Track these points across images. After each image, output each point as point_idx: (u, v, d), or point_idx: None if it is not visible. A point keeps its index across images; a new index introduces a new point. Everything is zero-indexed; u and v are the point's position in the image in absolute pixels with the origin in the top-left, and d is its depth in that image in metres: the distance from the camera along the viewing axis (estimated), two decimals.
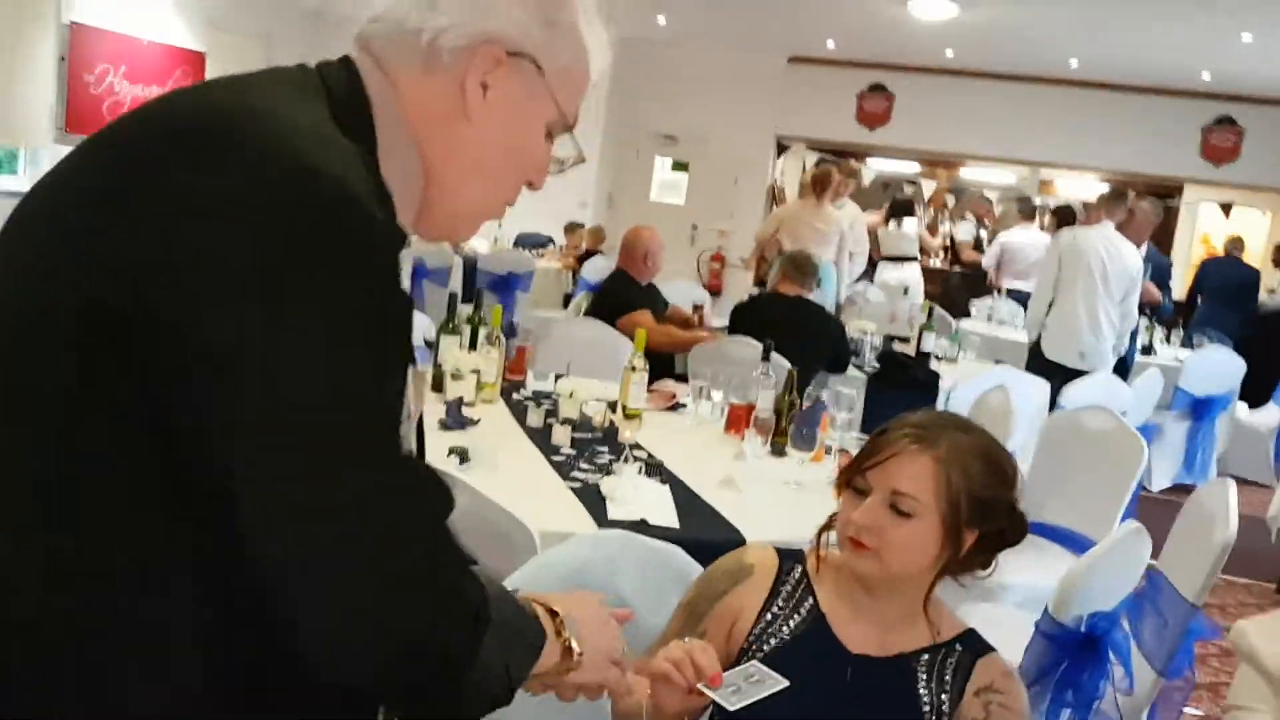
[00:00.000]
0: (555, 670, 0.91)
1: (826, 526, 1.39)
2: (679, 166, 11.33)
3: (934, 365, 5.00)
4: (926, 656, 1.36)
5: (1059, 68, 9.20)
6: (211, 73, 7.73)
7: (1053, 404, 4.25)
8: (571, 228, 8.64)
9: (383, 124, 0.83)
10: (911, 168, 11.84)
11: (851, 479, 1.36)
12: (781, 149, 11.13)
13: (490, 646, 0.81)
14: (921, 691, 1.33)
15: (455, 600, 0.79)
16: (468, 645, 0.80)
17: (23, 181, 6.75)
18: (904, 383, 4.61)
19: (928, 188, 11.77)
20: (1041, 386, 4.36)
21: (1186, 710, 3.20)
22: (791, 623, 1.38)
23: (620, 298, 4.24)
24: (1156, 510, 3.88)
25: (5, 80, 6.77)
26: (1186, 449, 5.77)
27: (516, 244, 8.20)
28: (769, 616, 1.39)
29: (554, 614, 0.93)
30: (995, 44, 8.54)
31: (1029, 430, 3.87)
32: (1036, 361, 5.15)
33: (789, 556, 1.45)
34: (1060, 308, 5.13)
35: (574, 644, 0.92)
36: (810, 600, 1.40)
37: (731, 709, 1.15)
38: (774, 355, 3.44)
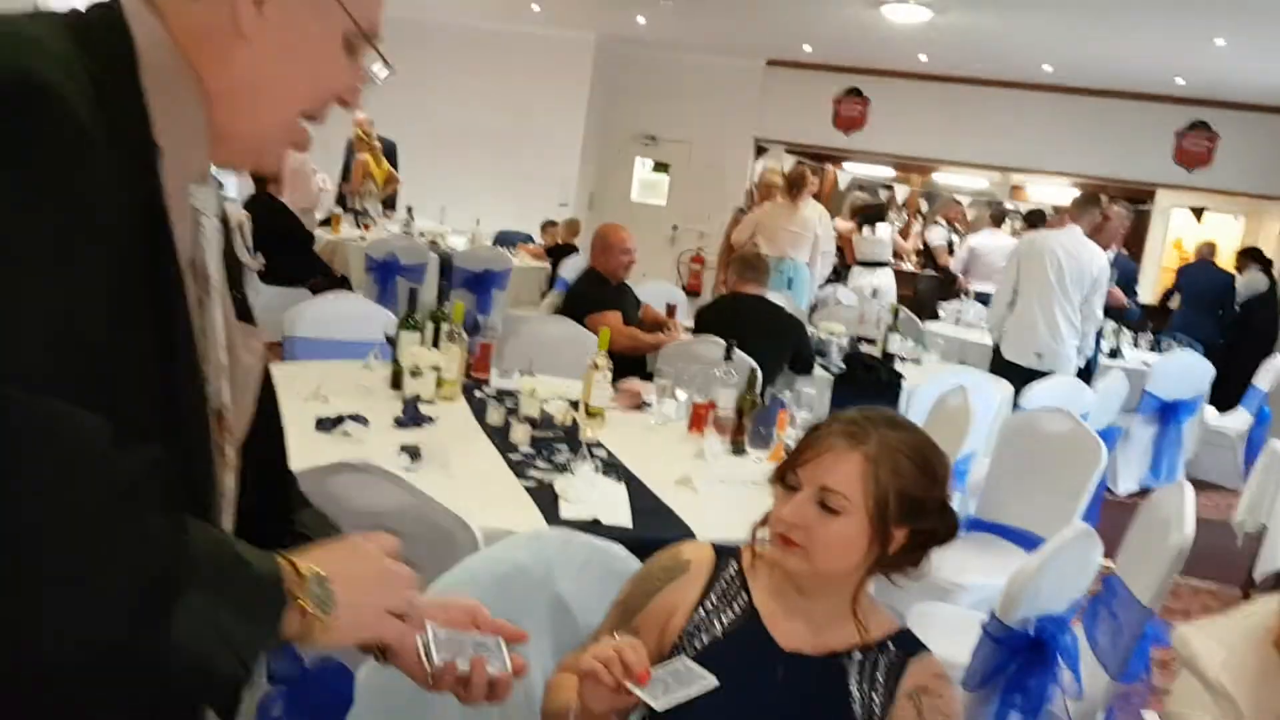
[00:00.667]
0: (302, 632, 0.81)
1: (761, 523, 1.39)
2: (660, 167, 11.35)
3: (899, 366, 5.01)
4: (859, 655, 1.36)
5: (1033, 72, 9.26)
6: None
7: (1016, 406, 4.28)
8: (548, 225, 8.62)
9: (146, 48, 0.79)
10: (887, 172, 11.89)
11: (783, 475, 1.35)
12: (760, 151, 11.15)
13: (197, 617, 0.72)
14: (853, 690, 1.33)
15: (122, 571, 0.70)
16: (146, 621, 0.71)
17: None
18: (868, 384, 4.62)
19: (902, 192, 11.82)
20: (1003, 388, 4.38)
21: (1144, 714, 3.21)
22: (725, 619, 1.38)
23: (589, 297, 4.23)
24: (1121, 514, 3.90)
25: None
26: (1153, 453, 5.81)
27: (496, 242, 8.17)
28: (702, 613, 1.39)
29: (297, 569, 0.83)
30: (969, 49, 8.58)
31: (989, 431, 3.89)
32: (998, 363, 5.20)
33: (725, 553, 1.45)
34: (1019, 310, 5.18)
35: (309, 605, 0.81)
36: (744, 597, 1.40)
37: (659, 709, 1.14)
38: (738, 354, 3.45)
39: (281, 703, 1.87)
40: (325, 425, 2.45)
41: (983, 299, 7.60)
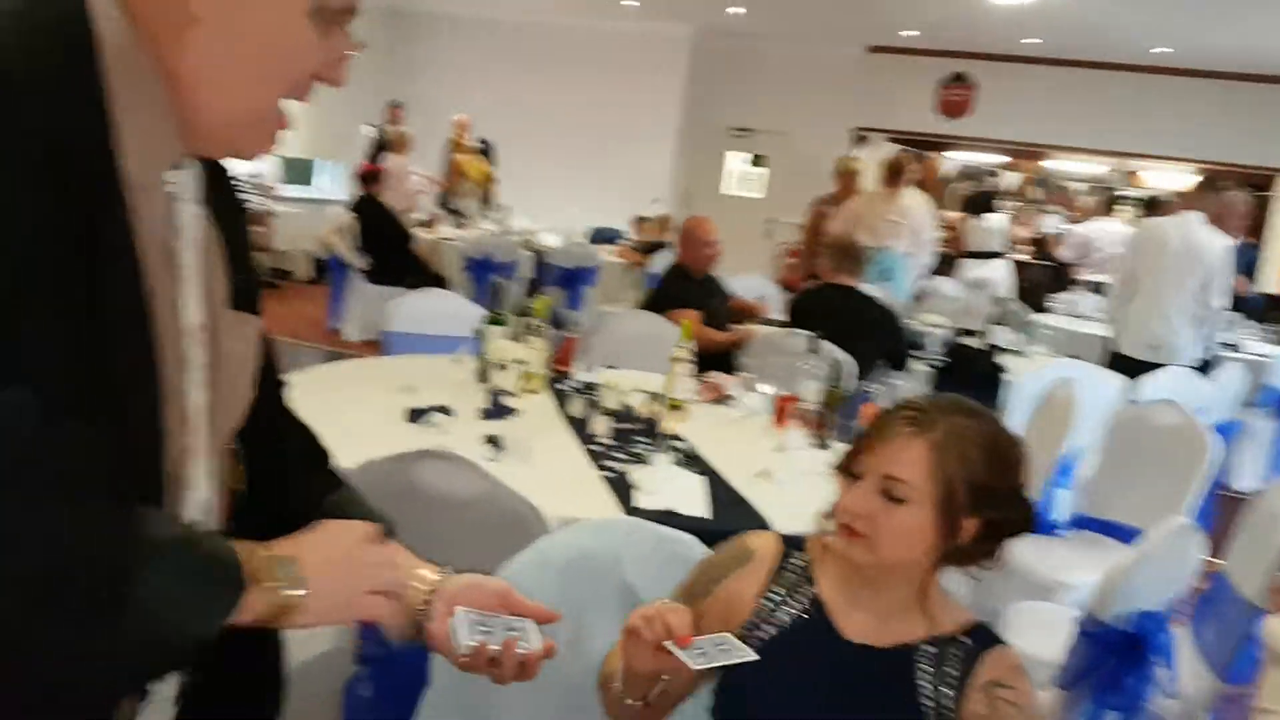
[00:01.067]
0: (275, 614, 0.82)
1: (828, 514, 1.36)
2: (756, 160, 11.27)
3: (1003, 359, 4.88)
4: (929, 648, 1.32)
5: (1146, 55, 8.88)
6: None
7: (1131, 400, 4.11)
8: (641, 222, 8.64)
9: (106, 33, 0.76)
10: (995, 159, 11.56)
11: (848, 463, 1.33)
12: (860, 140, 10.97)
13: (149, 599, 0.73)
14: (921, 683, 1.29)
15: (47, 553, 0.70)
16: (88, 599, 0.71)
17: None
18: (968, 376, 4.51)
19: (1011, 179, 11.47)
20: (1114, 381, 4.21)
21: None
22: (789, 610, 1.36)
23: (671, 294, 4.22)
24: (1239, 511, 3.72)
25: None
26: (1275, 449, 5.52)
27: (589, 239, 8.24)
28: (766, 603, 1.37)
29: (254, 553, 0.83)
30: (1080, 30, 8.28)
31: (1097, 426, 3.75)
32: (1111, 356, 4.99)
33: (792, 544, 1.43)
34: (1135, 300, 4.95)
35: (277, 586, 0.82)
36: (810, 588, 1.37)
37: (694, 668, 1.14)
38: (824, 346, 3.40)
39: (369, 682, 1.93)
40: (414, 416, 2.51)
41: (1096, 289, 7.35)
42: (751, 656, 1.16)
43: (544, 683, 1.52)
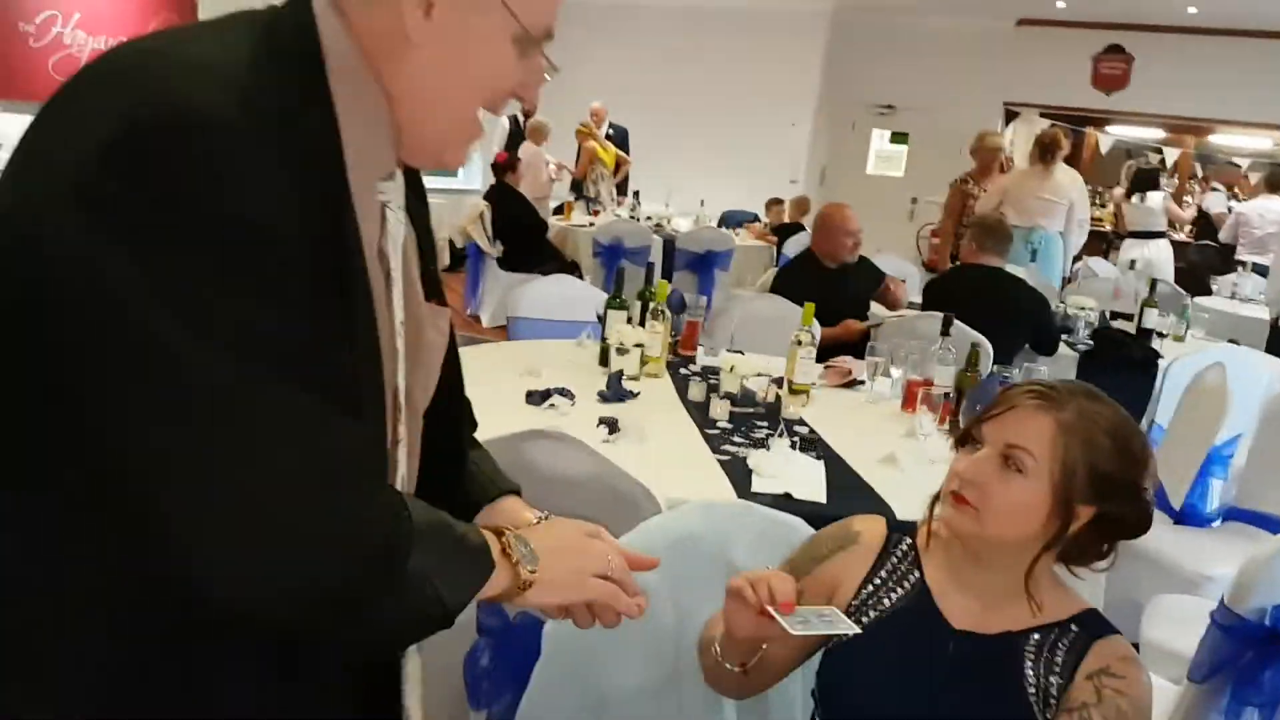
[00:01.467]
0: (511, 591, 0.92)
1: (936, 499, 1.33)
2: (897, 138, 10.98)
3: (1157, 344, 4.62)
4: (1036, 636, 1.27)
5: None
6: (205, 14, 6.86)
7: None
8: (773, 204, 8.54)
9: (333, 53, 0.83)
10: (1154, 134, 10.95)
11: (968, 432, 1.30)
12: (1011, 116, 10.56)
13: (415, 573, 0.82)
14: (1028, 671, 1.25)
15: (354, 532, 0.80)
16: (375, 575, 0.81)
17: None
18: (1118, 361, 4.29)
19: (1171, 155, 10.85)
20: (1273, 365, 3.94)
21: None
22: (894, 595, 1.34)
23: (792, 283, 4.05)
24: None
25: None
26: None
27: (721, 222, 8.20)
28: (871, 587, 1.35)
29: (501, 534, 0.94)
30: None
31: (1255, 413, 3.52)
32: (1276, 340, 4.67)
33: (899, 529, 1.40)
34: None
35: (522, 565, 0.92)
36: (916, 574, 1.34)
37: (793, 634, 1.15)
38: (958, 329, 3.29)
39: (488, 653, 1.99)
40: (534, 399, 2.55)
41: (1261, 271, 6.89)
42: (853, 629, 1.17)
43: (650, 657, 1.54)
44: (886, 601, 1.33)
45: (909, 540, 1.39)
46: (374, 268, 0.87)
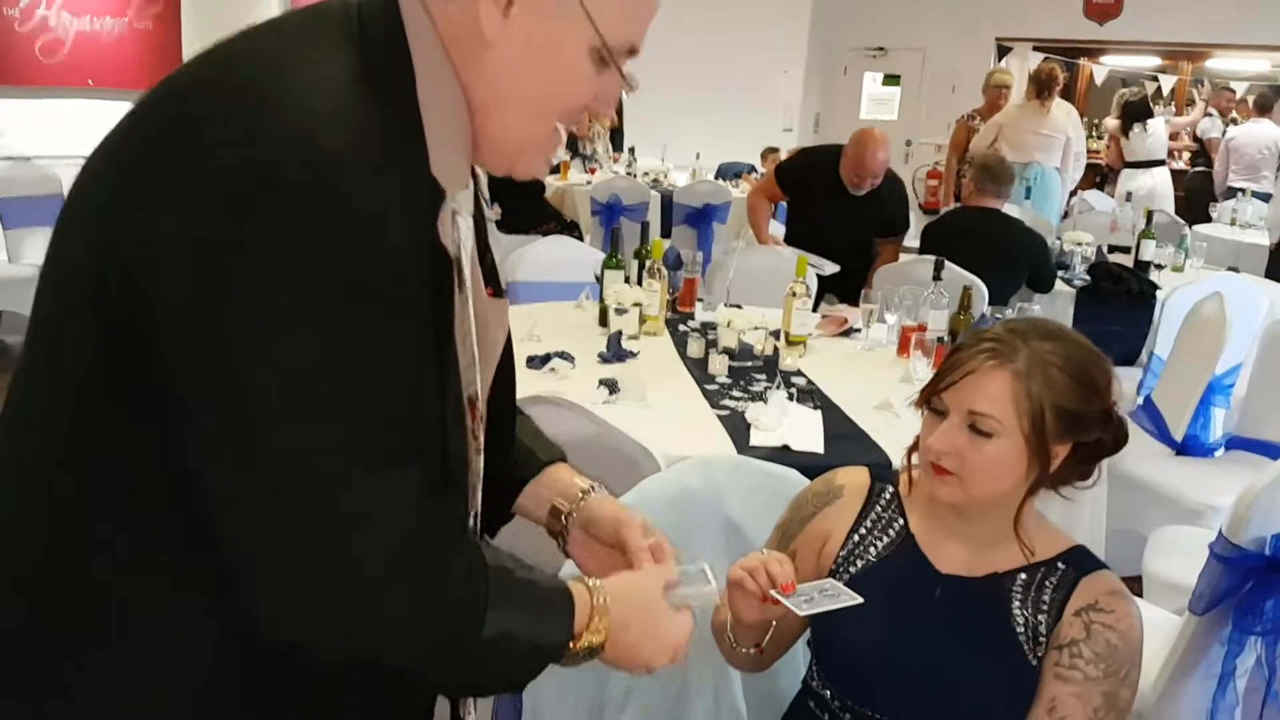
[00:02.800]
0: (582, 658, 0.92)
1: (913, 448, 1.34)
2: (890, 80, 10.87)
3: (1155, 276, 4.63)
4: (1024, 575, 1.30)
5: None
6: None
7: None
8: (768, 153, 8.48)
9: (420, 56, 0.80)
10: (1149, 62, 10.83)
11: (928, 399, 1.30)
12: (1004, 52, 10.44)
13: (501, 626, 0.83)
14: (1016, 611, 1.28)
15: (428, 619, 0.81)
16: (441, 654, 0.82)
17: None
18: (1116, 296, 4.30)
19: (1169, 83, 10.73)
20: (1272, 292, 3.95)
21: None
22: (880, 543, 1.37)
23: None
24: None
25: None
26: None
27: (718, 174, 8.16)
28: (857, 537, 1.38)
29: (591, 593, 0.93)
30: None
31: (1255, 341, 3.54)
32: (1276, 265, 4.67)
33: (881, 478, 1.43)
34: None
35: (589, 639, 0.91)
36: (900, 521, 1.37)
37: (801, 614, 1.16)
38: (950, 272, 3.30)
39: None
40: (534, 363, 2.58)
41: (1262, 197, 6.85)
42: (857, 600, 1.17)
43: None
44: (873, 550, 1.36)
45: (892, 489, 1.41)
46: (455, 282, 0.86)
